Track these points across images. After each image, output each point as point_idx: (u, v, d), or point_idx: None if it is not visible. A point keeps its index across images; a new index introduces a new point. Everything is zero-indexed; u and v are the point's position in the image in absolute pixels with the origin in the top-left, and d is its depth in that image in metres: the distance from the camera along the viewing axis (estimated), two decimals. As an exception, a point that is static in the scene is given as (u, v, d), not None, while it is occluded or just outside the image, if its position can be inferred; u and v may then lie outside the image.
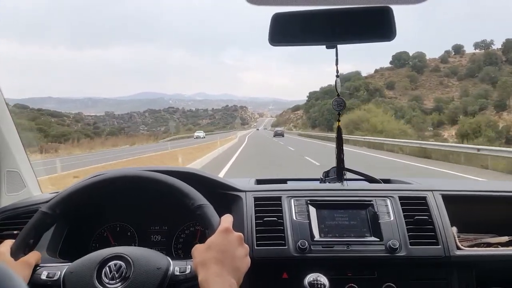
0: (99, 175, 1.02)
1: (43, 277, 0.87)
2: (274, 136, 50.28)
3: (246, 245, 0.88)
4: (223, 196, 1.28)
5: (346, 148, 1.43)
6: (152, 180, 0.97)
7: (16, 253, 0.89)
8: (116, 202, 1.29)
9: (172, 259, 0.91)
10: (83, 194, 0.99)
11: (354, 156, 16.02)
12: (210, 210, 0.92)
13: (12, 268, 0.84)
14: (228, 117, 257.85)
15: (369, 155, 17.94)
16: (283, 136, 50.63)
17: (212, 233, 0.86)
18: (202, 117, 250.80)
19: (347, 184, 1.39)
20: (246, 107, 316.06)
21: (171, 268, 0.86)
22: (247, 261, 0.86)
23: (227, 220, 0.90)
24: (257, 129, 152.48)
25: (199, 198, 0.94)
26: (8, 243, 0.92)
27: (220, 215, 0.93)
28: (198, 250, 0.84)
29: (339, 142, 1.39)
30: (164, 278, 0.84)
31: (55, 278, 0.87)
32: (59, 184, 7.45)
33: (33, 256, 0.91)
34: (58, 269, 0.88)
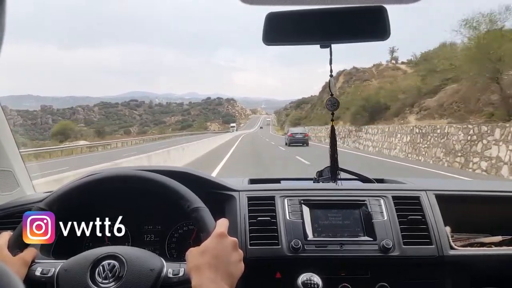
0: (95, 174, 1.02)
1: (37, 273, 0.88)
2: (289, 144, 26.51)
3: (241, 251, 0.88)
4: (217, 196, 1.27)
5: None
6: (149, 180, 0.98)
7: (13, 247, 0.89)
8: (110, 201, 1.29)
9: (165, 259, 0.91)
10: (81, 192, 0.99)
11: None
12: (206, 213, 0.91)
13: (10, 264, 0.85)
14: (208, 113, 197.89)
15: None
16: (307, 144, 26.64)
17: (207, 236, 0.86)
18: (173, 113, 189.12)
19: (341, 184, 1.39)
20: (234, 100, 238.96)
21: (164, 270, 0.86)
22: (241, 266, 0.86)
23: (222, 224, 0.89)
24: (260, 127, 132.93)
25: (196, 201, 0.93)
26: (6, 236, 0.92)
27: (214, 215, 0.93)
28: (192, 254, 0.84)
29: (333, 142, 1.41)
30: (157, 280, 0.84)
31: (49, 275, 0.87)
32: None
33: (29, 253, 0.91)
34: (52, 266, 0.89)
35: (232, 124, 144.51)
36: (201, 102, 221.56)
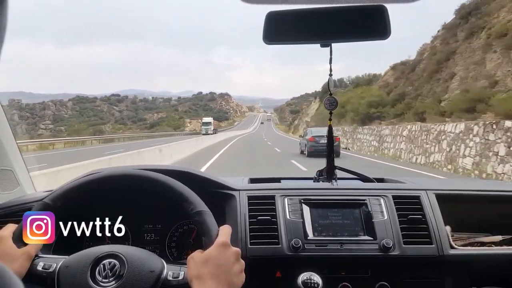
0: (97, 172, 1.03)
1: (39, 268, 0.88)
2: (309, 154, 16.36)
3: (242, 261, 0.88)
4: (217, 195, 1.27)
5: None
6: (153, 180, 0.98)
7: (18, 239, 0.90)
8: (110, 201, 1.29)
9: (165, 258, 0.91)
10: (84, 190, 0.99)
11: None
12: (210, 218, 0.91)
13: (15, 257, 0.87)
14: (199, 110, 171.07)
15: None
16: (338, 155, 14.58)
17: (210, 243, 0.87)
18: (158, 109, 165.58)
19: (341, 183, 1.39)
20: (229, 95, 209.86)
21: (165, 272, 0.87)
22: (242, 277, 0.87)
23: (225, 232, 0.89)
24: (261, 123, 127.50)
25: (199, 204, 0.93)
26: (11, 227, 0.93)
27: (214, 214, 0.93)
28: (195, 262, 0.84)
29: (330, 141, 1.41)
30: (156, 282, 0.84)
31: (50, 270, 0.87)
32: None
33: (33, 247, 0.91)
34: (54, 261, 0.89)
35: (205, 120, 77.70)
36: (192, 97, 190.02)
